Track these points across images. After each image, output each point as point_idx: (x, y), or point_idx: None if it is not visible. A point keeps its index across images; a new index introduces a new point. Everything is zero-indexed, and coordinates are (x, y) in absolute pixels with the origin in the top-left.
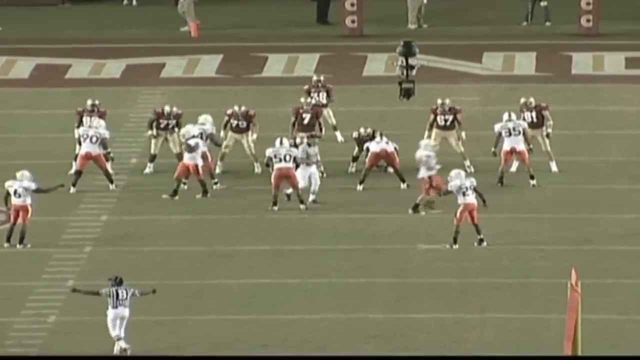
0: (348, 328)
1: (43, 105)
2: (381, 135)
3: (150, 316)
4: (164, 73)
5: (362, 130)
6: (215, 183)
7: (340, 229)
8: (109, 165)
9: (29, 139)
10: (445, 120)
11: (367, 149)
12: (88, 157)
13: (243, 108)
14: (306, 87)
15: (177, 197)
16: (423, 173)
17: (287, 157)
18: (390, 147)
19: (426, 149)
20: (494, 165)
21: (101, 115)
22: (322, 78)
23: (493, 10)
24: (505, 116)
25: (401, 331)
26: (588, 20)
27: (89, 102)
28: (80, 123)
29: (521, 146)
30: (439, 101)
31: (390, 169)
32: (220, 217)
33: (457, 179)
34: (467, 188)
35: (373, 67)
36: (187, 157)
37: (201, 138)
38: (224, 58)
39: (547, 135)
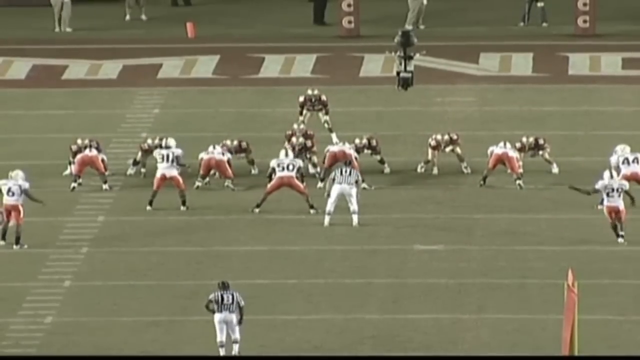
0: (345, 329)
1: (40, 105)
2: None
3: (147, 316)
4: (161, 74)
5: (357, 141)
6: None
7: (337, 229)
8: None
9: (25, 139)
10: (445, 150)
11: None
12: (85, 160)
13: (235, 142)
14: (301, 99)
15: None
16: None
17: (290, 167)
18: (349, 150)
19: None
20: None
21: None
22: (316, 92)
23: (490, 11)
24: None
25: (398, 332)
26: (585, 21)
27: (80, 141)
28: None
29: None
30: (439, 137)
31: (387, 170)
32: (217, 217)
33: (604, 179)
34: (612, 189)
35: (370, 68)
36: (163, 168)
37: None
38: (221, 59)
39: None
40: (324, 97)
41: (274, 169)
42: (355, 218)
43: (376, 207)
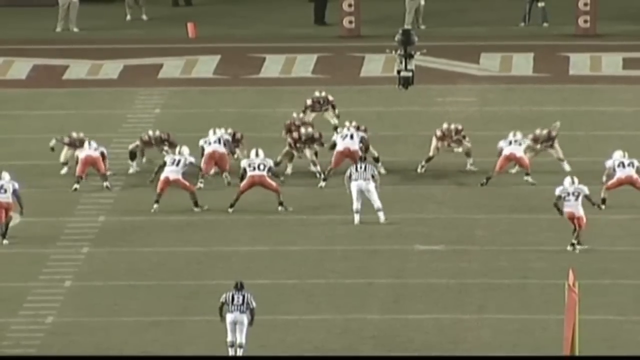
0: (346, 329)
1: (41, 106)
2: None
3: (147, 317)
4: (162, 74)
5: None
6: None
7: (338, 229)
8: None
9: (26, 139)
10: (453, 139)
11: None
12: (88, 160)
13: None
14: (309, 102)
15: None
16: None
17: (262, 167)
18: (354, 146)
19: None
20: (492, 165)
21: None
22: (324, 93)
23: (490, 11)
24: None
25: (399, 332)
26: (585, 21)
27: (75, 134)
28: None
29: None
30: (445, 126)
31: (383, 170)
32: (217, 217)
33: (564, 184)
34: (568, 194)
35: (370, 68)
36: (168, 171)
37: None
38: (222, 59)
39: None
40: (330, 97)
41: (245, 170)
42: (381, 215)
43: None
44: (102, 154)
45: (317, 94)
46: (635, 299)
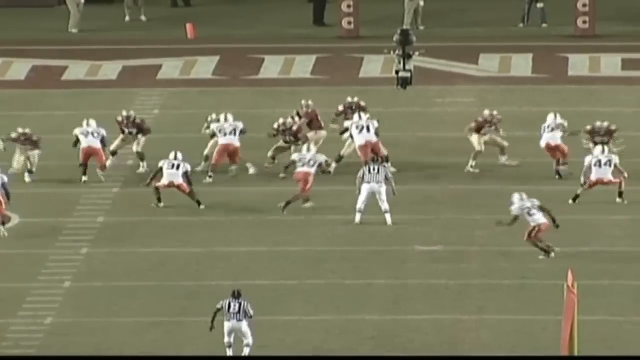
0: (345, 329)
1: (39, 106)
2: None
3: (147, 317)
4: (161, 74)
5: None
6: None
7: (338, 230)
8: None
9: None
10: (489, 130)
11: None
12: (89, 151)
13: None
14: (341, 107)
15: (161, 204)
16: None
17: (312, 162)
18: (375, 138)
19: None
20: (492, 166)
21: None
22: (356, 99)
23: (489, 11)
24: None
25: (398, 332)
26: (584, 22)
27: (20, 130)
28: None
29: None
30: (486, 112)
31: (392, 169)
32: (217, 218)
33: (518, 202)
34: (530, 208)
35: (369, 69)
36: (170, 174)
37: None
38: (221, 59)
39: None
40: (362, 103)
41: (293, 162)
42: (388, 217)
43: (376, 207)
44: (102, 139)
45: (349, 99)
46: (635, 300)
